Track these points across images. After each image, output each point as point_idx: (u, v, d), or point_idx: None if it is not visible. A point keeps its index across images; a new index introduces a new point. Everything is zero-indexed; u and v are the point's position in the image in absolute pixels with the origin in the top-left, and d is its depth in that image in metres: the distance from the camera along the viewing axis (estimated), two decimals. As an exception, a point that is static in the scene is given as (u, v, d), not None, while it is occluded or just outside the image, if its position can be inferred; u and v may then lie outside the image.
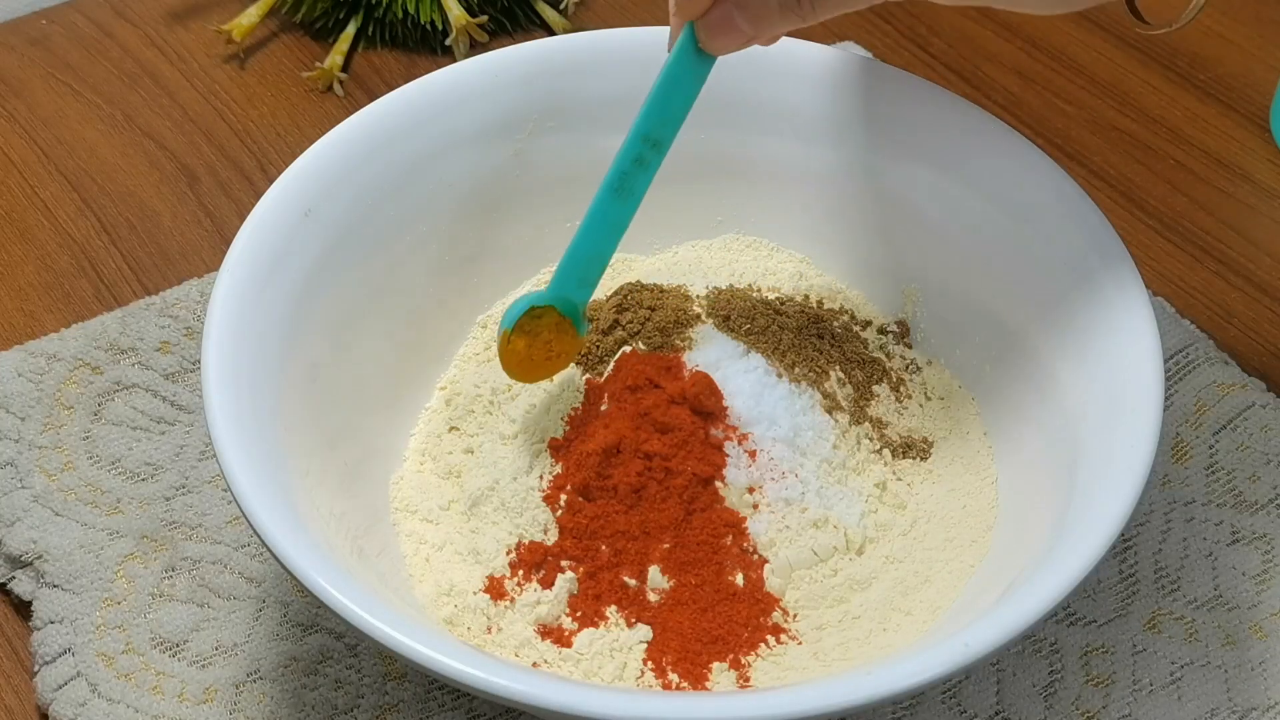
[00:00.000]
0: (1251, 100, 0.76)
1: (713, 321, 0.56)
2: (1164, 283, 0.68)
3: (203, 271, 0.67)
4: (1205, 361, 0.62)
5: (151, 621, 0.55)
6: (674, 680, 0.50)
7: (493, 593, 0.52)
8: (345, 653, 0.54)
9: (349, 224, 0.56)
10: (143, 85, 0.77)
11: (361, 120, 0.57)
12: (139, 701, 0.53)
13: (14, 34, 0.80)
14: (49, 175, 0.73)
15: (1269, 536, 0.57)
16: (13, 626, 0.56)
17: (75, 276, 0.68)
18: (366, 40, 0.79)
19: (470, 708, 0.53)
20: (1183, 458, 0.59)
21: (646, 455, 0.52)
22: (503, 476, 0.54)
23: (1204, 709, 0.53)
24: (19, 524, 0.57)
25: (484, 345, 0.60)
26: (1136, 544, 0.57)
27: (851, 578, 0.52)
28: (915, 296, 0.60)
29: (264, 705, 0.53)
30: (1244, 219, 0.71)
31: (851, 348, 0.58)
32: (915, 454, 0.56)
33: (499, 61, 0.60)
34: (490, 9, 0.79)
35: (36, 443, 0.59)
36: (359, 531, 0.52)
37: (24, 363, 0.62)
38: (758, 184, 0.62)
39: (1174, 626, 0.55)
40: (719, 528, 0.52)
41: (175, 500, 0.58)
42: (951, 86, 0.59)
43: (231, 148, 0.74)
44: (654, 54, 0.60)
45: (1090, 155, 0.74)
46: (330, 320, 0.55)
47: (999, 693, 0.53)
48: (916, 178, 0.59)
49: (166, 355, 0.62)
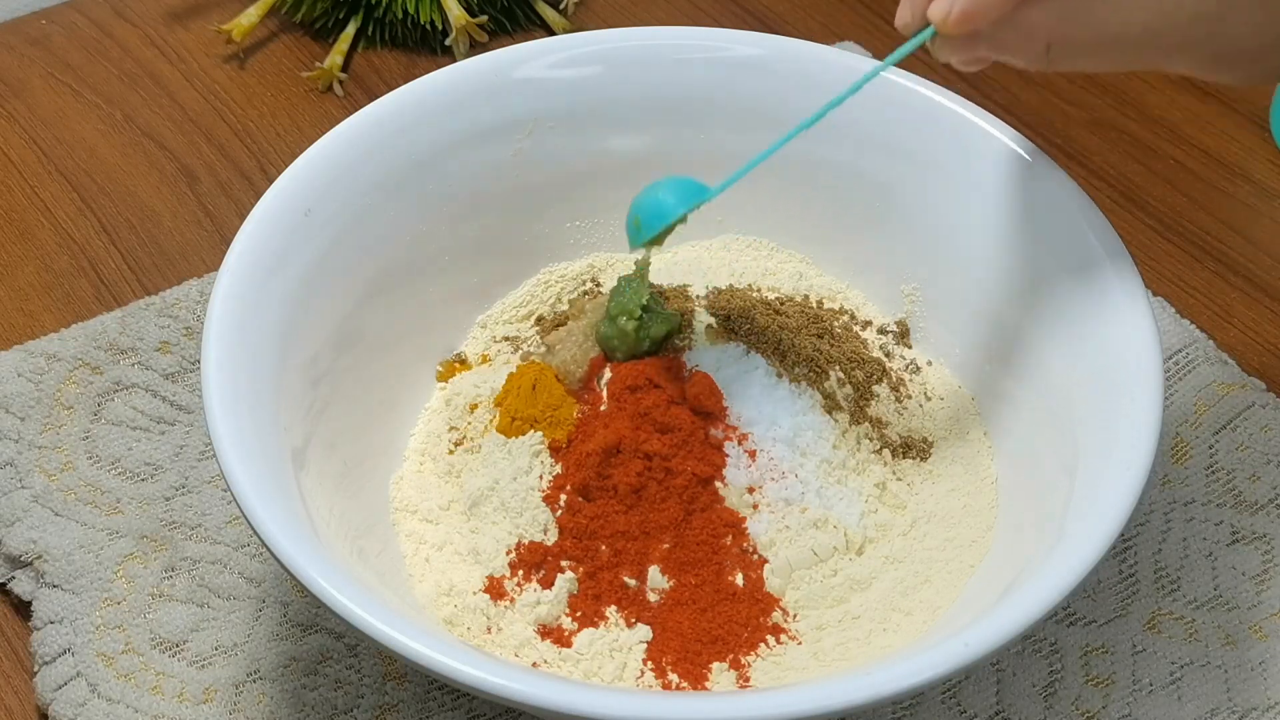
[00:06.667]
0: (1251, 100, 0.76)
1: (713, 321, 0.56)
2: (1164, 283, 0.68)
3: (203, 271, 0.67)
4: (1205, 361, 0.62)
5: (151, 621, 0.55)
6: (674, 680, 0.50)
7: (492, 593, 0.52)
8: (345, 653, 0.54)
9: (349, 224, 0.56)
10: (143, 85, 0.77)
11: (361, 120, 0.57)
12: (139, 701, 0.53)
13: (14, 34, 0.80)
14: (49, 175, 0.73)
15: (1269, 536, 0.57)
16: (13, 626, 0.56)
17: (75, 276, 0.68)
18: (366, 40, 0.79)
19: (470, 708, 0.53)
20: (1183, 458, 0.59)
21: (646, 455, 0.52)
22: (503, 476, 0.54)
23: (1204, 709, 0.53)
24: (19, 524, 0.57)
25: (484, 345, 0.60)
26: (1136, 544, 0.57)
27: (851, 578, 0.52)
28: (915, 296, 0.60)
29: (264, 705, 0.53)
30: (1244, 219, 0.71)
31: (851, 348, 0.58)
32: (915, 454, 0.56)
33: (499, 61, 0.60)
34: (490, 9, 0.79)
35: (36, 443, 0.59)
36: (359, 531, 0.52)
37: (24, 363, 0.62)
38: (758, 184, 0.62)
39: (1174, 626, 0.55)
40: (719, 528, 0.52)
41: (175, 500, 0.58)
42: (951, 87, 0.59)
43: (231, 148, 0.74)
44: (654, 54, 0.60)
45: (1090, 155, 0.74)
46: (330, 320, 0.55)
47: (999, 693, 0.53)
48: (916, 178, 0.59)
49: (166, 355, 0.62)
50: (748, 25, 0.80)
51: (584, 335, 0.55)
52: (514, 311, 0.61)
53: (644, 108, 0.60)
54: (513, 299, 0.61)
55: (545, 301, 0.61)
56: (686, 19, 0.81)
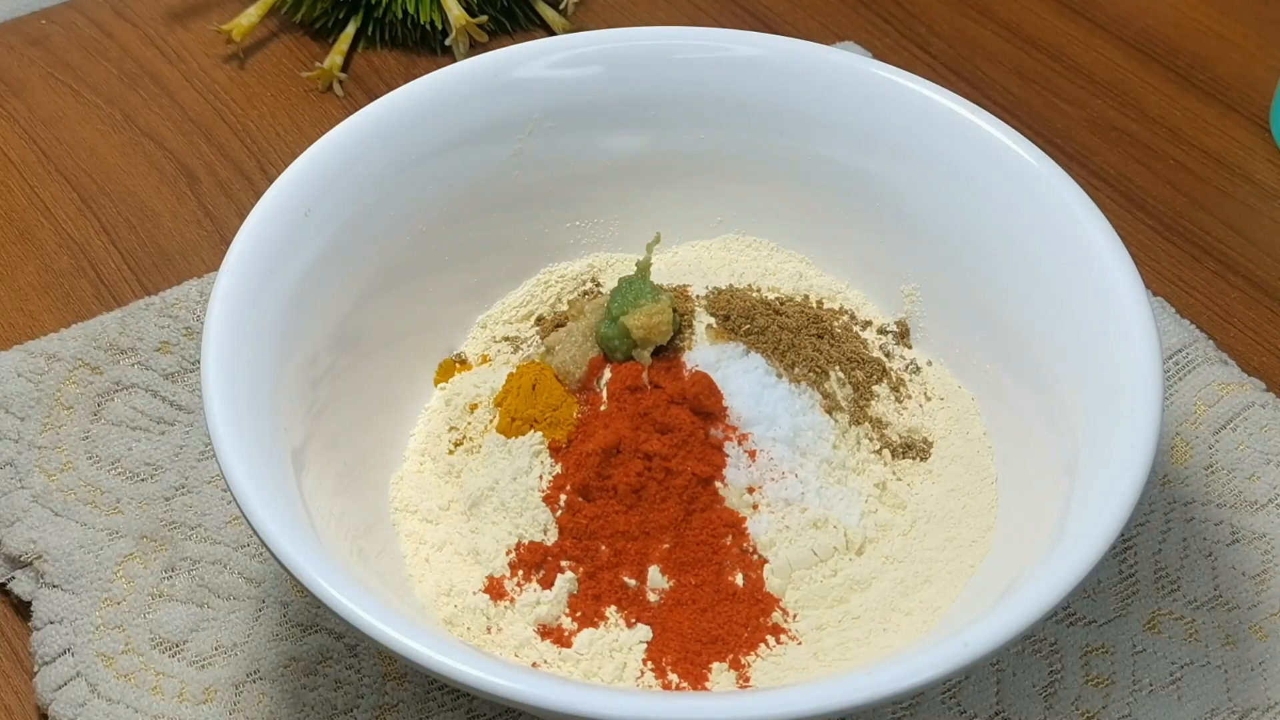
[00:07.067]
0: (1251, 100, 0.76)
1: (713, 321, 0.56)
2: (1164, 283, 0.68)
3: (202, 271, 0.67)
4: (1205, 361, 0.62)
5: (151, 621, 0.55)
6: (674, 680, 0.50)
7: (492, 593, 0.52)
8: (345, 653, 0.54)
9: (349, 224, 0.56)
10: (142, 85, 0.77)
11: (361, 120, 0.57)
12: (139, 701, 0.53)
13: (14, 34, 0.80)
14: (49, 175, 0.73)
15: (1269, 536, 0.57)
16: (12, 626, 0.57)
17: (75, 276, 0.68)
18: (366, 40, 0.79)
19: (470, 708, 0.53)
20: (1182, 458, 0.59)
21: (646, 455, 0.52)
22: (502, 476, 0.54)
23: (1204, 709, 0.53)
24: (19, 524, 0.57)
25: (484, 345, 0.60)
26: (1136, 544, 0.57)
27: (851, 578, 0.52)
28: (915, 296, 0.60)
29: (264, 705, 0.53)
30: (1244, 219, 0.71)
31: (851, 348, 0.58)
32: (915, 454, 0.56)
33: (499, 61, 0.60)
34: (490, 9, 0.79)
35: (36, 443, 0.59)
36: (359, 531, 0.52)
37: (24, 363, 0.62)
38: (758, 184, 0.62)
39: (1174, 626, 0.55)
40: (719, 528, 0.52)
41: (175, 500, 0.58)
42: (951, 86, 0.59)
43: (231, 148, 0.74)
44: (654, 54, 0.60)
45: (1090, 155, 0.74)
46: (330, 320, 0.55)
47: (999, 693, 0.53)
48: (916, 178, 0.59)
49: (166, 355, 0.62)
50: (748, 25, 0.80)
51: (584, 335, 0.55)
52: (514, 311, 0.61)
53: (644, 108, 0.60)
54: (513, 299, 0.61)
55: (545, 301, 0.61)
56: (686, 19, 0.81)
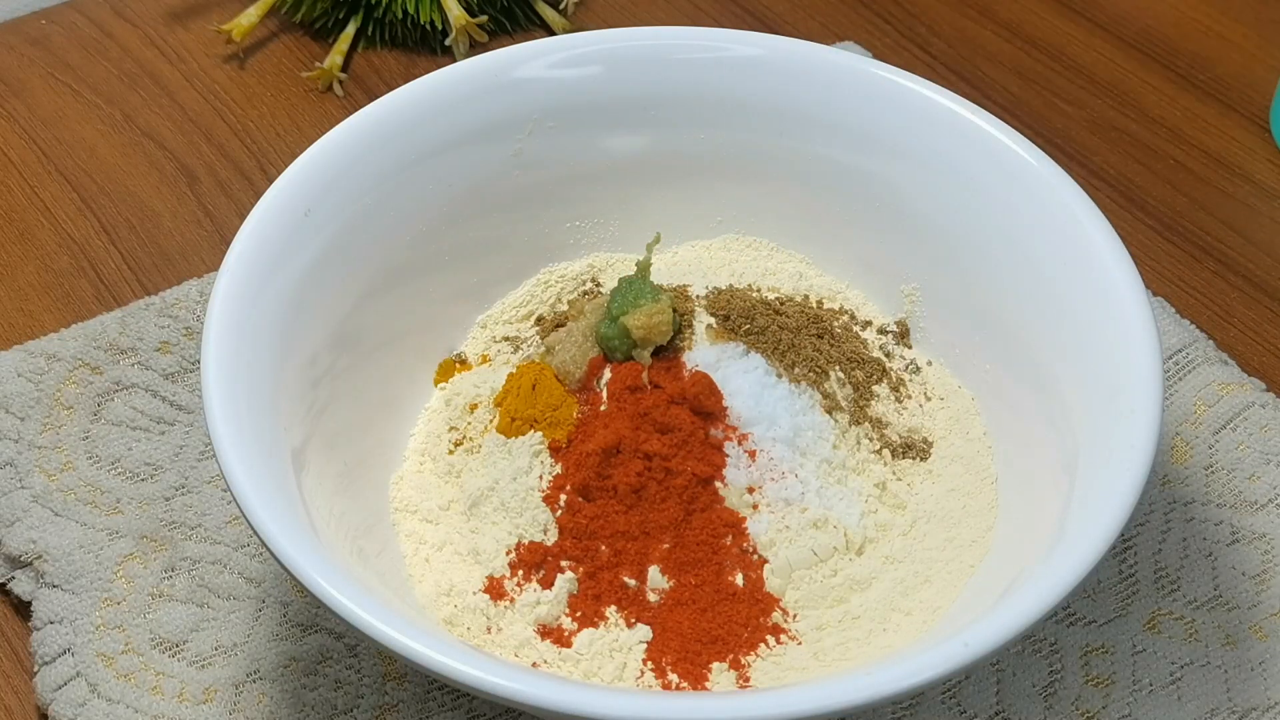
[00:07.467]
0: (1251, 100, 0.76)
1: (713, 321, 0.56)
2: (1164, 283, 0.68)
3: (202, 271, 0.67)
4: (1205, 361, 0.62)
5: (151, 621, 0.55)
6: (674, 680, 0.50)
7: (492, 593, 0.52)
8: (345, 653, 0.54)
9: (349, 224, 0.56)
10: (142, 85, 0.77)
11: (361, 120, 0.57)
12: (139, 701, 0.53)
13: (14, 34, 0.80)
14: (49, 175, 0.73)
15: (1269, 536, 0.57)
16: (12, 626, 0.57)
17: (75, 276, 0.68)
18: (366, 40, 0.79)
19: (470, 708, 0.53)
20: (1182, 458, 0.59)
21: (646, 455, 0.52)
22: (502, 476, 0.54)
23: (1204, 709, 0.53)
24: (19, 524, 0.57)
25: (484, 345, 0.60)
26: (1136, 544, 0.57)
27: (851, 578, 0.52)
28: (915, 296, 0.60)
29: (264, 705, 0.53)
30: (1244, 219, 0.71)
31: (851, 348, 0.58)
32: (915, 454, 0.56)
33: (499, 61, 0.60)
34: (490, 9, 0.79)
35: (36, 443, 0.59)
36: (359, 531, 0.52)
37: (24, 363, 0.62)
38: (758, 184, 0.62)
39: (1174, 626, 0.55)
40: (719, 528, 0.52)
41: (175, 500, 0.58)
42: (951, 86, 0.59)
43: (231, 148, 0.74)
44: (654, 54, 0.60)
45: (1090, 155, 0.74)
46: (330, 320, 0.55)
47: (999, 693, 0.53)
48: (916, 178, 0.59)
49: (166, 355, 0.62)
50: (748, 25, 0.80)
51: (584, 335, 0.55)
52: (514, 311, 0.61)
53: (644, 108, 0.60)
54: (513, 299, 0.61)
55: (545, 301, 0.61)
56: (686, 19, 0.81)
